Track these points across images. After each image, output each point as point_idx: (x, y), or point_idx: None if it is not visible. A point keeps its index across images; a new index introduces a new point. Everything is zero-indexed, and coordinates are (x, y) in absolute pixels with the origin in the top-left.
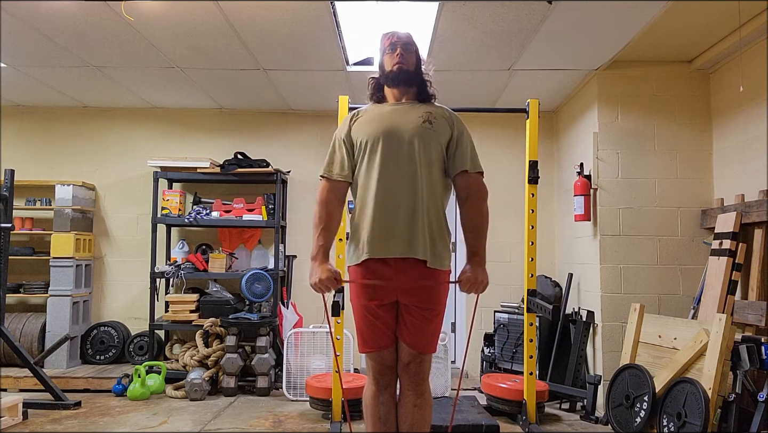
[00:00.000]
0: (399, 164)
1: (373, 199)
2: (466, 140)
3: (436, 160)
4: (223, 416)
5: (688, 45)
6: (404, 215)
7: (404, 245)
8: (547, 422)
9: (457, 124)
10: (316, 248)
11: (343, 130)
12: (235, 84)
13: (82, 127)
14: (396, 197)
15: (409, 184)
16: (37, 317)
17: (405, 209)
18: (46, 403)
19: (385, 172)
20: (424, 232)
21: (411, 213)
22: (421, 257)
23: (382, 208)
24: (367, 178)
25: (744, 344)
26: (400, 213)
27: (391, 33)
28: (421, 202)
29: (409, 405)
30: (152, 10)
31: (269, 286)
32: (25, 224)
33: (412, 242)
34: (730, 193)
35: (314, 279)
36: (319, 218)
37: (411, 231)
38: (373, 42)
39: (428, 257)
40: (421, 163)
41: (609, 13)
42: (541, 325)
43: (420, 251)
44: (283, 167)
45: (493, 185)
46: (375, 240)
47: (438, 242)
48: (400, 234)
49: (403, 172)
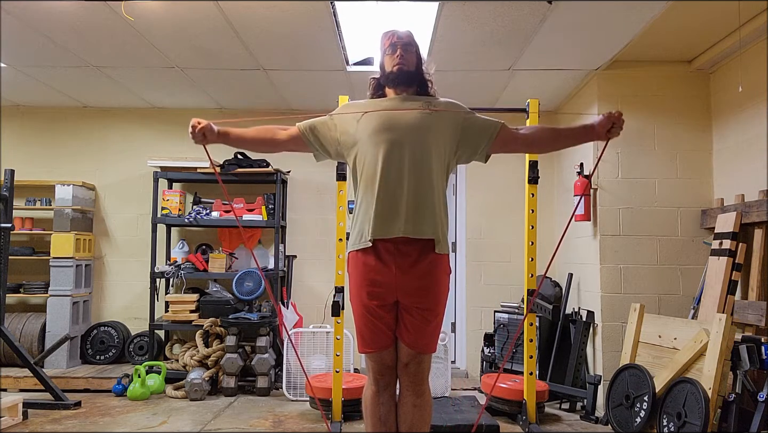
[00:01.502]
0: (402, 149)
1: (377, 183)
2: (476, 117)
3: (438, 146)
4: (223, 416)
5: (688, 45)
6: (410, 197)
7: (410, 225)
8: (547, 422)
9: (461, 107)
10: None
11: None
12: (235, 84)
13: (82, 127)
14: (400, 181)
15: (413, 168)
16: (37, 317)
17: (410, 192)
18: (46, 403)
19: (388, 158)
20: (432, 213)
21: (416, 195)
22: (430, 236)
23: (387, 191)
24: (370, 164)
25: (744, 344)
26: (406, 195)
27: (392, 32)
28: (428, 184)
29: (409, 405)
30: (152, 10)
31: (259, 283)
32: (25, 224)
33: (417, 223)
34: (730, 193)
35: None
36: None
37: (418, 212)
38: (373, 42)
39: (437, 236)
40: (424, 149)
41: (609, 13)
42: (541, 325)
43: (428, 231)
44: (283, 167)
45: (493, 185)
46: (379, 222)
47: (443, 226)
48: (405, 215)
49: (407, 157)
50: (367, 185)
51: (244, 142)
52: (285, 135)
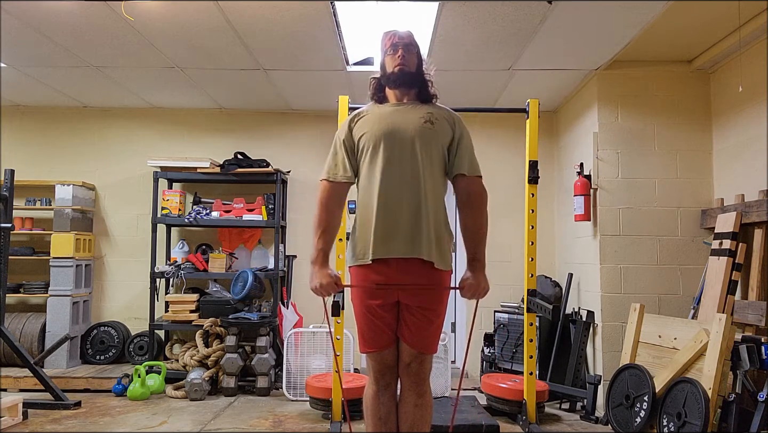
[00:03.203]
0: (401, 165)
1: (376, 200)
2: (467, 143)
3: (438, 160)
4: (223, 416)
5: (688, 45)
6: (408, 216)
7: (408, 246)
8: (547, 422)
9: (458, 125)
10: (316, 252)
11: (344, 132)
12: (235, 84)
13: (82, 127)
14: (399, 198)
15: (412, 184)
16: (37, 317)
17: (408, 210)
18: (46, 403)
19: (387, 173)
20: (428, 232)
21: (415, 214)
22: (425, 258)
23: (386, 210)
24: (370, 179)
25: (744, 344)
26: (404, 214)
27: (393, 33)
28: (425, 202)
29: (410, 405)
30: (152, 10)
31: (245, 282)
32: (25, 223)
33: (416, 243)
34: (730, 193)
35: (315, 284)
36: (320, 221)
37: (415, 232)
38: (373, 42)
39: (433, 258)
40: (423, 164)
41: (609, 13)
42: (541, 325)
43: (424, 252)
44: (283, 167)
45: (493, 185)
46: (379, 241)
47: (441, 243)
48: (403, 235)
49: (406, 173)
50: (366, 200)
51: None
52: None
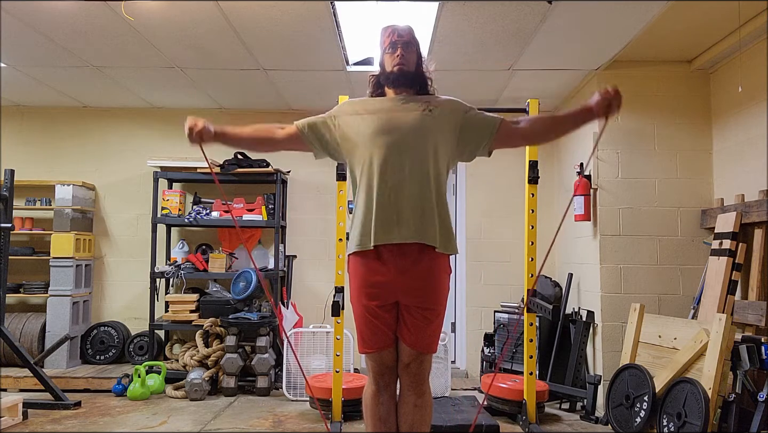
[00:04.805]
0: (402, 153)
1: (376, 189)
2: (477, 112)
3: (440, 147)
4: (223, 416)
5: (688, 45)
6: (411, 201)
7: (410, 231)
8: (547, 422)
9: (460, 105)
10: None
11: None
12: (235, 84)
13: (82, 127)
14: (401, 184)
15: (414, 171)
16: (37, 317)
17: (411, 196)
18: (46, 403)
19: (387, 163)
20: (432, 217)
21: (417, 199)
22: (429, 242)
23: (387, 198)
24: (370, 167)
25: (744, 344)
26: (407, 199)
27: (392, 29)
28: (427, 188)
29: (410, 405)
30: (152, 10)
31: (249, 282)
32: (25, 224)
33: (418, 228)
34: (730, 193)
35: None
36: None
37: (418, 217)
38: (373, 42)
39: (437, 242)
40: (424, 151)
41: (609, 13)
42: (541, 325)
43: (429, 236)
44: (283, 167)
45: (493, 185)
46: (380, 228)
47: (445, 226)
48: (407, 220)
49: (407, 160)
50: (366, 189)
51: (241, 141)
52: (283, 134)
